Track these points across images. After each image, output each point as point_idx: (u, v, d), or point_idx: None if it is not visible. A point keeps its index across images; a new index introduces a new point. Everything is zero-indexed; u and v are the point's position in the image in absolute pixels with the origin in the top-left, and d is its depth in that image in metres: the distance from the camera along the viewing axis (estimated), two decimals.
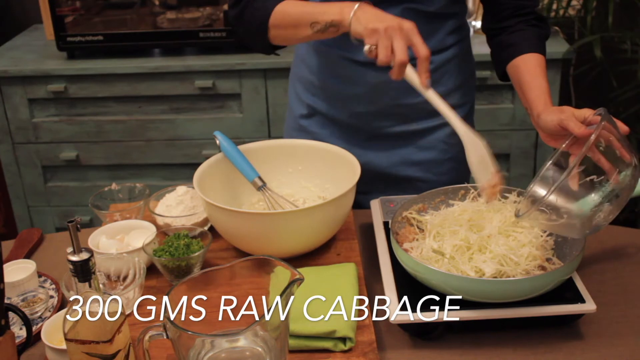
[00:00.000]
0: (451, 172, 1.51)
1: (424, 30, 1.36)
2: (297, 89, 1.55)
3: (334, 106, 1.48)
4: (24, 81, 2.44)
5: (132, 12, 2.49)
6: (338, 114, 1.49)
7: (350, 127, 1.48)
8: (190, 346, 0.91)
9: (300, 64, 1.53)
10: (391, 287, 1.11)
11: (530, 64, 1.32)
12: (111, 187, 1.43)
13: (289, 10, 1.28)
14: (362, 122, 1.47)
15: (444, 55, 1.43)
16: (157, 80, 2.44)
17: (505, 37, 1.38)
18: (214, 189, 1.33)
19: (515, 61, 1.34)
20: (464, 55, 1.49)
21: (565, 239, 1.15)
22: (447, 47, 1.44)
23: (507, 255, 1.08)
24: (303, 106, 1.54)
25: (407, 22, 1.14)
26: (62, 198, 2.63)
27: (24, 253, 1.35)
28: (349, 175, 1.29)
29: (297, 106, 1.56)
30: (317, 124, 1.53)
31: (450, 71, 1.46)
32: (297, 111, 1.56)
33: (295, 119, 1.57)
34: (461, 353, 1.07)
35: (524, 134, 2.44)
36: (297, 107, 1.56)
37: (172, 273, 1.18)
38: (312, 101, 1.52)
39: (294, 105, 1.57)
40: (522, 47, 1.34)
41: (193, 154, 2.53)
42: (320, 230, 1.24)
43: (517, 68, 1.33)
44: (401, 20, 1.14)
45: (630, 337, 1.09)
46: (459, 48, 1.47)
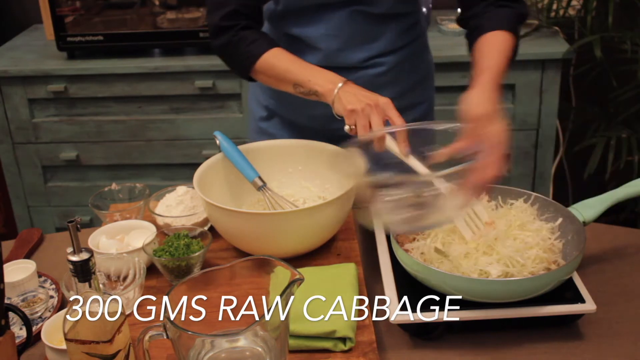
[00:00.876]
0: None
1: (373, 32, 1.38)
2: (256, 92, 1.58)
3: (291, 109, 1.49)
4: (24, 81, 2.44)
5: (132, 12, 2.49)
6: (296, 117, 1.51)
7: (310, 129, 1.50)
8: (190, 346, 0.91)
9: None
10: (391, 287, 1.11)
11: (486, 43, 1.26)
12: (111, 187, 1.43)
13: (276, 63, 1.32)
14: (320, 124, 1.48)
15: (396, 55, 1.44)
16: (157, 80, 2.44)
17: (473, 22, 1.34)
18: (214, 189, 1.33)
19: (476, 44, 1.29)
20: (418, 54, 1.50)
21: (566, 240, 1.15)
22: (399, 48, 1.44)
23: (513, 258, 1.08)
24: (262, 109, 1.57)
25: (382, 98, 1.20)
26: (62, 198, 2.63)
27: (24, 253, 1.35)
28: None
29: (257, 109, 1.58)
30: (276, 126, 1.55)
31: (405, 71, 1.47)
32: (257, 114, 1.58)
33: (255, 121, 1.59)
34: (461, 353, 1.07)
35: (524, 134, 2.44)
36: (256, 110, 1.58)
37: (172, 273, 1.18)
38: (270, 104, 1.54)
39: (254, 107, 1.60)
40: (484, 27, 1.29)
41: (193, 154, 2.53)
42: (320, 230, 1.24)
43: (474, 51, 1.29)
44: (377, 97, 1.20)
45: (630, 337, 1.09)
46: (413, 47, 1.47)
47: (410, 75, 1.48)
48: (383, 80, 1.43)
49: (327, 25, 1.37)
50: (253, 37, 1.34)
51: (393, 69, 1.44)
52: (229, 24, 1.34)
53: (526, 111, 2.41)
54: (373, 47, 1.40)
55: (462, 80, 2.34)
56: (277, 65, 1.31)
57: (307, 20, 1.38)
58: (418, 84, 1.51)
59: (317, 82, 1.26)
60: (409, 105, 1.49)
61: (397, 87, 1.45)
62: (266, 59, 1.32)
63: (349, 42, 1.39)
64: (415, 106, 1.51)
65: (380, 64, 1.42)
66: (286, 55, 1.32)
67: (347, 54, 1.40)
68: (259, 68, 1.33)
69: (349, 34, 1.38)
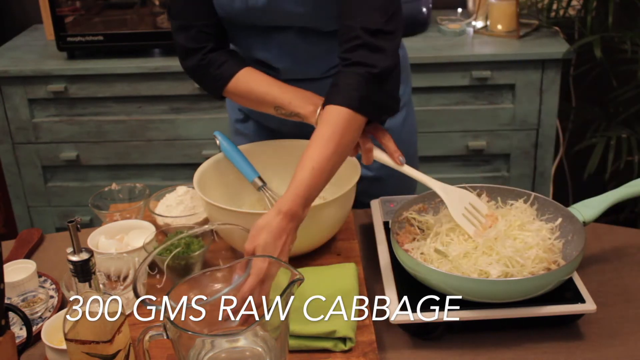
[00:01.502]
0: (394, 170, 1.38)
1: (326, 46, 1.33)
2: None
3: (262, 114, 1.43)
4: (24, 81, 2.44)
5: (132, 12, 2.49)
6: (268, 122, 1.50)
7: (282, 133, 1.49)
8: (190, 346, 0.91)
9: None
10: (391, 287, 1.11)
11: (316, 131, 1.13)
12: (111, 187, 1.43)
13: (253, 86, 1.31)
14: (290, 129, 1.46)
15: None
16: (157, 80, 2.44)
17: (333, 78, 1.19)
18: (214, 189, 1.33)
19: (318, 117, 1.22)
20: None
21: (566, 240, 1.15)
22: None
23: (513, 258, 1.08)
24: (237, 111, 1.57)
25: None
26: (62, 198, 2.63)
27: (24, 253, 1.35)
28: (349, 175, 1.29)
29: (232, 111, 1.58)
30: (251, 127, 1.55)
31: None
32: (233, 116, 1.58)
33: (231, 123, 1.59)
34: (461, 353, 1.07)
35: (524, 134, 2.44)
36: (232, 112, 1.59)
37: (172, 272, 1.18)
38: (243, 108, 1.54)
39: (230, 110, 1.60)
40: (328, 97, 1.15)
41: (193, 154, 2.53)
42: (320, 230, 1.24)
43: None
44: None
45: (630, 337, 1.09)
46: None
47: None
48: None
49: (279, 46, 1.34)
50: (222, 59, 1.33)
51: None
52: (195, 46, 1.33)
53: (526, 111, 2.41)
54: (331, 58, 1.35)
55: (462, 81, 2.34)
56: (255, 89, 1.31)
57: (259, 43, 1.35)
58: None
59: (298, 105, 1.27)
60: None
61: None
62: (240, 81, 1.32)
63: (301, 59, 1.36)
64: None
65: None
66: (260, 76, 1.32)
67: (305, 69, 1.37)
68: (233, 90, 1.33)
69: (300, 52, 1.35)
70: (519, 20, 2.45)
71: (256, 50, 1.36)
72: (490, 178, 2.51)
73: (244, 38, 1.36)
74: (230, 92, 1.35)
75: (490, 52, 2.35)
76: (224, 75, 1.33)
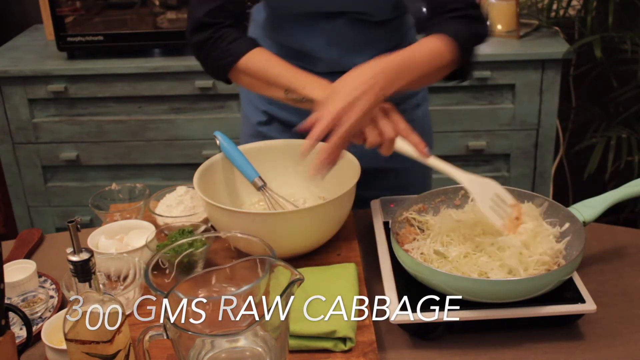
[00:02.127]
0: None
1: (369, 37, 1.36)
2: (251, 97, 1.54)
3: (292, 112, 1.46)
4: (24, 81, 2.44)
5: (132, 12, 2.49)
6: (298, 120, 1.48)
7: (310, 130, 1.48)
8: (190, 346, 0.91)
9: None
10: (391, 287, 1.11)
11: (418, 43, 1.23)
12: (111, 187, 1.43)
13: (266, 66, 1.27)
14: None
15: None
16: (157, 80, 2.44)
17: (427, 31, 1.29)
18: (214, 189, 1.33)
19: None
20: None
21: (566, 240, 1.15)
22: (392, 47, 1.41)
23: (517, 268, 1.07)
24: (260, 113, 1.53)
25: (386, 103, 1.16)
26: (62, 198, 2.63)
27: (24, 253, 1.35)
28: (349, 175, 1.29)
29: (254, 113, 1.55)
30: (275, 130, 1.52)
31: None
32: (254, 118, 1.55)
33: (252, 126, 1.56)
34: (461, 353, 1.07)
35: (524, 134, 2.44)
36: (253, 115, 1.55)
37: (174, 269, 1.18)
38: (269, 108, 1.51)
39: (250, 112, 1.56)
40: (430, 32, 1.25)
41: (193, 154, 2.53)
42: (320, 230, 1.24)
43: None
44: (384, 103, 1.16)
45: (630, 337, 1.09)
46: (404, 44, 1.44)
47: None
48: None
49: (326, 36, 1.35)
50: (235, 35, 1.30)
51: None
52: (212, 21, 1.30)
53: (526, 111, 2.41)
54: (372, 50, 1.39)
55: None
56: (268, 69, 1.27)
57: (305, 31, 1.36)
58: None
59: (313, 90, 1.22)
60: (405, 97, 1.48)
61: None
62: (253, 60, 1.28)
63: (348, 49, 1.38)
64: (412, 97, 1.50)
65: None
66: (274, 57, 1.28)
67: (347, 61, 1.37)
68: (242, 68, 1.29)
69: (348, 41, 1.37)
70: (519, 20, 2.45)
71: (300, 39, 1.35)
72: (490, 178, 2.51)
73: (288, 26, 1.35)
74: (239, 71, 1.30)
75: (490, 52, 2.35)
76: (235, 51, 1.28)
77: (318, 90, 1.21)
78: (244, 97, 1.59)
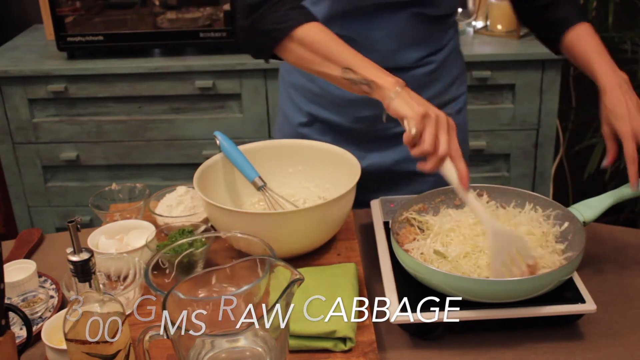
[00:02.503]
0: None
1: (427, 33, 1.37)
2: (294, 97, 1.52)
3: (336, 112, 1.46)
4: (24, 81, 2.44)
5: (132, 12, 2.49)
6: (341, 120, 1.47)
7: (354, 131, 1.47)
8: (190, 346, 0.90)
9: (295, 72, 1.49)
10: (391, 288, 1.11)
11: (584, 38, 1.34)
12: (111, 187, 1.43)
13: (327, 38, 1.18)
14: (366, 125, 1.46)
15: (442, 53, 1.44)
16: (157, 80, 2.44)
17: (549, 15, 1.38)
18: (214, 189, 1.33)
19: (566, 38, 1.35)
20: (456, 50, 1.51)
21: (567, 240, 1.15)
22: (444, 45, 1.44)
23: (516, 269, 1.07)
24: (302, 114, 1.51)
25: (452, 120, 1.10)
26: (62, 198, 2.63)
27: (24, 253, 1.35)
28: (349, 175, 1.29)
29: (295, 114, 1.52)
30: (317, 131, 1.51)
31: (447, 67, 1.47)
32: (295, 119, 1.52)
33: (293, 126, 1.53)
34: (461, 353, 1.07)
35: (524, 134, 2.44)
36: (294, 115, 1.52)
37: (174, 269, 1.18)
38: (311, 109, 1.49)
39: (291, 113, 1.53)
40: (567, 21, 1.35)
41: (193, 154, 2.53)
42: (320, 230, 1.24)
43: (570, 45, 1.35)
44: (447, 116, 1.09)
45: (630, 337, 1.09)
46: (454, 43, 1.48)
47: (452, 70, 1.48)
48: (430, 79, 1.43)
49: (387, 27, 1.34)
50: (296, 3, 1.21)
51: (439, 67, 1.44)
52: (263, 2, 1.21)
53: (526, 111, 2.41)
54: (426, 46, 1.40)
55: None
56: (328, 42, 1.17)
57: (366, 21, 1.34)
58: (456, 79, 1.51)
59: (374, 73, 1.13)
60: (449, 100, 1.49)
61: (440, 83, 1.45)
62: (313, 30, 1.19)
63: (406, 43, 1.37)
64: (454, 100, 1.51)
65: (430, 62, 1.42)
66: (335, 35, 1.19)
67: (403, 55, 1.38)
68: (299, 37, 1.19)
69: (407, 35, 1.36)
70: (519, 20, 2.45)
71: (357, 28, 1.34)
72: (490, 178, 2.51)
73: (349, 15, 1.34)
74: (293, 40, 1.19)
75: (490, 52, 2.35)
76: (296, 16, 1.19)
77: (382, 75, 1.13)
78: (285, 97, 1.55)
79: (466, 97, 1.57)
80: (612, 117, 1.21)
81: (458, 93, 1.52)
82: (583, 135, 2.58)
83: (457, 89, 1.52)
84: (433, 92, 1.44)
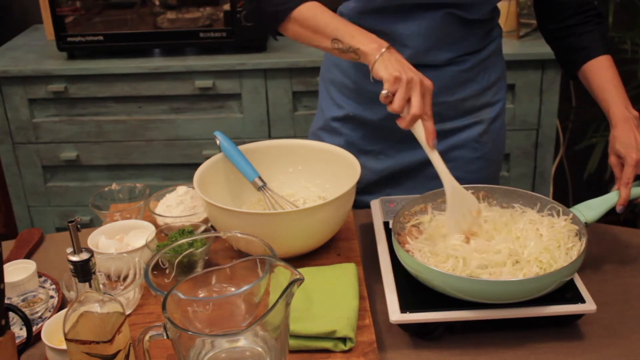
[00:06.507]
0: (481, 170, 1.52)
1: (461, 34, 1.38)
2: (331, 92, 1.54)
3: (368, 108, 1.47)
4: (24, 81, 2.44)
5: (132, 12, 2.49)
6: (372, 116, 1.48)
7: (384, 129, 1.47)
8: (190, 346, 0.91)
9: (333, 68, 1.52)
10: (391, 288, 1.11)
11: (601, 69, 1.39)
12: (111, 187, 1.43)
13: (317, 14, 1.28)
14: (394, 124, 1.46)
15: (479, 55, 1.44)
16: (157, 80, 2.44)
17: (575, 39, 1.42)
18: (214, 189, 1.33)
19: (586, 66, 1.40)
20: (496, 54, 1.50)
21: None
22: (482, 49, 1.44)
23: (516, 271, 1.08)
24: (336, 108, 1.53)
25: (428, 80, 1.17)
26: (62, 198, 2.63)
27: (24, 253, 1.35)
28: (349, 175, 1.29)
29: (330, 108, 1.54)
30: (349, 126, 1.51)
31: (484, 69, 1.46)
32: (329, 113, 1.54)
33: (326, 120, 1.55)
34: (461, 353, 1.07)
35: (524, 134, 2.44)
36: (329, 109, 1.55)
37: (174, 269, 1.18)
38: (346, 103, 1.51)
39: (326, 106, 1.56)
40: (591, 50, 1.40)
41: (193, 154, 2.53)
42: (320, 230, 1.24)
43: (589, 73, 1.40)
44: (422, 76, 1.17)
45: (630, 337, 1.09)
46: (493, 47, 1.48)
47: (491, 74, 1.48)
48: (465, 77, 1.43)
49: (421, 25, 1.35)
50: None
51: (475, 67, 1.44)
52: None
53: (526, 111, 2.41)
54: (459, 47, 1.40)
55: None
56: (318, 17, 1.27)
57: (400, 18, 1.35)
58: (494, 84, 1.50)
59: (360, 40, 1.22)
60: (485, 104, 1.49)
61: (477, 84, 1.45)
62: (305, 7, 1.29)
63: (438, 42, 1.37)
64: (490, 106, 1.50)
65: (464, 61, 1.42)
66: (326, 9, 1.29)
67: (434, 54, 1.38)
68: (294, 16, 1.29)
69: (440, 34, 1.36)
70: (519, 20, 2.45)
71: (390, 24, 1.35)
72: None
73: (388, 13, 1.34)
74: (291, 19, 1.30)
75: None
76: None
77: (366, 41, 1.21)
78: (323, 93, 1.58)
79: (504, 104, 1.55)
80: (619, 145, 1.26)
81: (495, 99, 1.50)
82: (583, 135, 2.58)
83: (494, 95, 1.50)
84: (466, 93, 1.44)
